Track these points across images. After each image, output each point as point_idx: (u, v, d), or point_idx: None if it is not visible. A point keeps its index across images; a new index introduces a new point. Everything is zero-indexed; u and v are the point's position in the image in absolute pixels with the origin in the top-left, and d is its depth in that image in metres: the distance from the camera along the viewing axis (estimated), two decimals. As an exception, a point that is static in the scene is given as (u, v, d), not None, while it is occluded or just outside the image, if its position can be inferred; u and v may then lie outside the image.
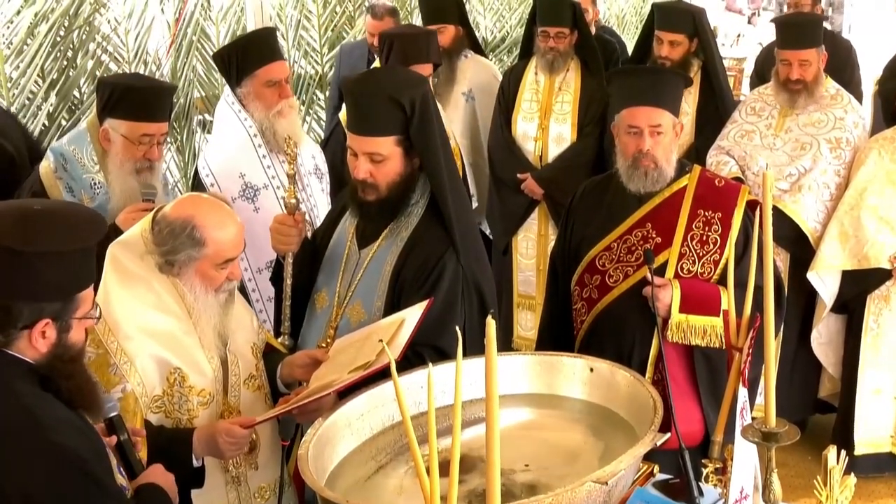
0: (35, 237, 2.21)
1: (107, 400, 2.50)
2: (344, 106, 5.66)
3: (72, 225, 2.29)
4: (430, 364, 1.90)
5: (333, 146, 5.45)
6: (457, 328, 1.84)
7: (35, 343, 2.25)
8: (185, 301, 2.91)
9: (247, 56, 4.27)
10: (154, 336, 2.87)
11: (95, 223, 2.37)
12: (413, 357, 2.90)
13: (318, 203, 4.39)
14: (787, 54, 5.06)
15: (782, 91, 5.13)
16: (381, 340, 2.78)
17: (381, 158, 3.14)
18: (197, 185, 4.33)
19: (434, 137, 3.18)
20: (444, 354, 2.97)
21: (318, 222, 3.98)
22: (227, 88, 4.41)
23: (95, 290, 2.83)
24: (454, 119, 6.01)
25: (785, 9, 7.51)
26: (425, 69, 4.92)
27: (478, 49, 6.47)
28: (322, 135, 6.96)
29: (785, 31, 5.21)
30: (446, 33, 6.06)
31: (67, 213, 2.34)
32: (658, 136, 3.60)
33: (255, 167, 4.29)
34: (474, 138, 6.27)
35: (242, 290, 4.01)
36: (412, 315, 2.92)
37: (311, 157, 4.54)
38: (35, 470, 2.16)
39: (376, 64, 6.32)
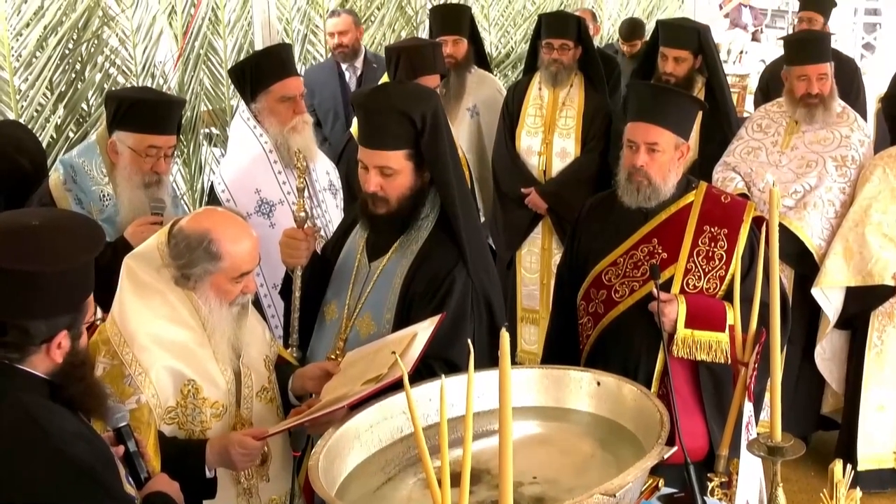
0: (43, 257, 2.21)
1: (117, 409, 2.51)
2: (354, 121, 5.72)
3: (75, 238, 2.30)
4: (443, 376, 1.91)
5: (347, 161, 5.48)
6: (468, 341, 1.85)
7: (53, 355, 2.26)
8: (199, 314, 2.92)
9: (261, 71, 4.27)
10: (169, 348, 2.89)
11: (96, 232, 2.38)
12: (423, 370, 2.91)
13: (332, 219, 4.39)
14: (808, 69, 5.07)
15: (799, 107, 5.11)
16: (394, 353, 2.80)
17: (391, 172, 3.16)
18: (213, 199, 4.34)
19: (444, 151, 3.20)
20: (454, 367, 2.97)
21: (334, 239, 3.99)
22: (242, 104, 4.42)
23: (110, 299, 2.87)
24: (459, 134, 6.03)
25: (794, 26, 7.55)
26: (433, 80, 4.95)
27: (483, 64, 6.50)
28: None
29: (800, 47, 5.21)
30: (460, 46, 6.09)
31: (68, 227, 2.33)
32: (654, 153, 3.62)
33: (270, 183, 4.30)
34: (479, 153, 6.28)
35: (258, 305, 4.02)
36: (424, 329, 2.93)
37: (326, 172, 4.55)
38: (46, 481, 2.17)
39: (349, 77, 6.41)
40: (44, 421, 2.21)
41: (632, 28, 8.55)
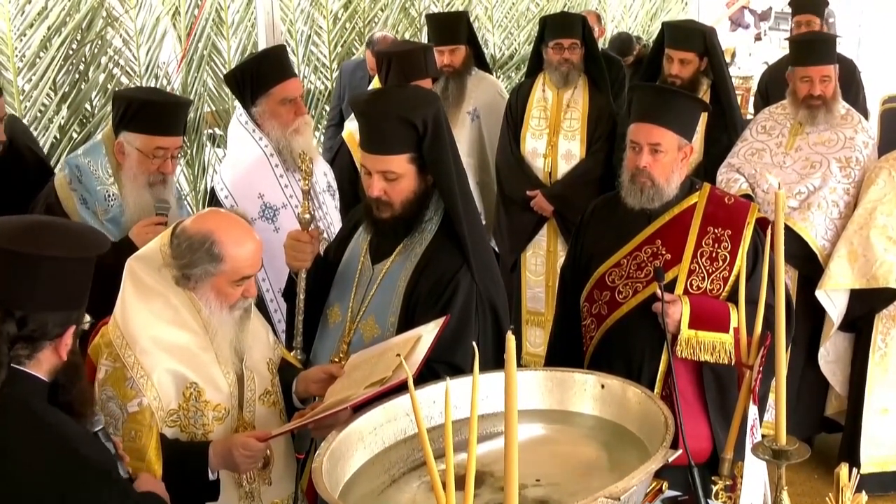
0: (65, 242, 2.24)
1: (93, 413, 2.51)
2: (347, 124, 5.72)
3: (82, 232, 2.36)
4: (448, 378, 1.91)
5: (340, 164, 5.47)
6: (473, 343, 1.84)
7: (61, 351, 2.27)
8: (201, 316, 2.92)
9: (261, 75, 4.25)
10: (171, 351, 2.88)
11: (98, 232, 2.44)
12: (427, 373, 2.90)
13: (333, 220, 4.39)
14: (811, 70, 5.09)
15: (801, 108, 5.13)
16: (398, 355, 2.79)
17: (394, 176, 3.16)
18: (214, 205, 4.31)
19: (447, 155, 3.20)
20: (459, 371, 2.96)
21: (335, 240, 3.98)
22: (239, 108, 4.40)
23: (114, 299, 2.87)
24: (460, 139, 6.02)
25: (791, 28, 7.55)
26: (424, 84, 4.93)
27: (483, 66, 6.49)
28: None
29: (805, 48, 5.23)
30: (458, 54, 6.09)
31: (73, 225, 2.42)
32: (657, 154, 3.62)
33: (273, 187, 4.29)
34: (480, 157, 6.27)
35: (263, 309, 4.01)
36: (428, 332, 2.93)
37: (324, 174, 4.54)
38: (74, 485, 2.18)
39: (376, 82, 6.40)
40: (60, 427, 2.24)
41: (623, 45, 8.55)
